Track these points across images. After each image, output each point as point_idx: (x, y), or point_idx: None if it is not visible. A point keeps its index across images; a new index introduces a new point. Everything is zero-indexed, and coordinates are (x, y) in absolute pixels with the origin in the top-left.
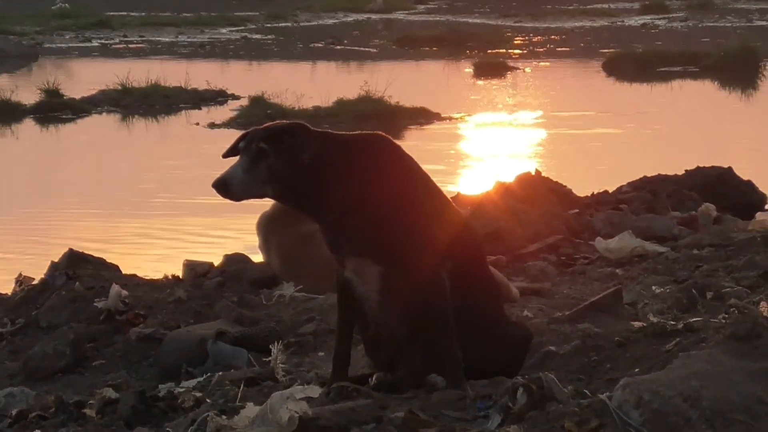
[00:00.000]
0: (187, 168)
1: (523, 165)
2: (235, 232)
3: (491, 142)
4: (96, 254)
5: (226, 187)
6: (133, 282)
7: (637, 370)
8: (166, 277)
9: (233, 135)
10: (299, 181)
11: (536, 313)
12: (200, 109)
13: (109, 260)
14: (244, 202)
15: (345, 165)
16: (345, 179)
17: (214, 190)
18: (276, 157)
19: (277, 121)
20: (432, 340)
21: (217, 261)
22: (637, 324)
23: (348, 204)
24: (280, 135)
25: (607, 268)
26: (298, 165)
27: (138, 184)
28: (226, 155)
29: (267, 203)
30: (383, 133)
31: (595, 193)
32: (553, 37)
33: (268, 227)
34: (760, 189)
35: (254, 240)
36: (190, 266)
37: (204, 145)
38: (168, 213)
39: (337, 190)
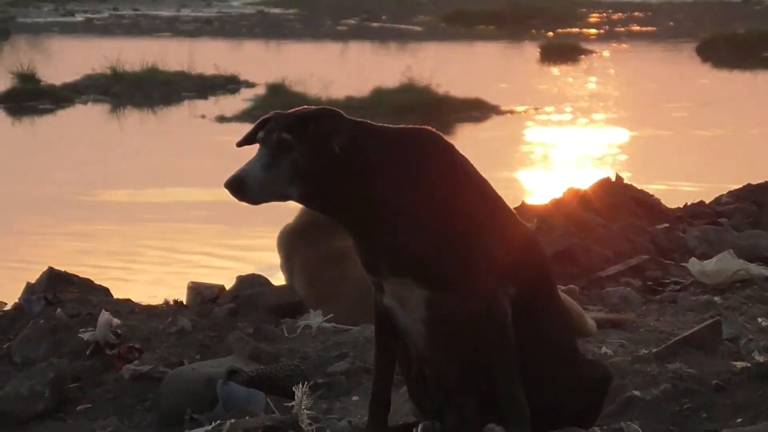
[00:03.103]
0: (192, 170)
1: (601, 169)
2: (251, 248)
3: (562, 141)
4: (81, 274)
5: (241, 186)
6: (126, 308)
7: (739, 420)
8: (166, 302)
9: (246, 130)
10: (329, 179)
11: (617, 349)
12: (207, 98)
13: (97, 281)
14: (264, 206)
15: (386, 162)
16: (385, 179)
17: (227, 192)
18: (301, 149)
19: (304, 107)
20: (490, 381)
21: (228, 284)
22: (739, 364)
23: (388, 210)
24: (307, 122)
25: (703, 296)
26: (327, 157)
27: (132, 190)
28: (241, 144)
29: (291, 209)
30: (432, 129)
31: (688, 203)
32: (636, 13)
33: (291, 243)
34: None
35: (274, 258)
36: (196, 290)
37: (211, 142)
38: (168, 224)
39: (375, 192)
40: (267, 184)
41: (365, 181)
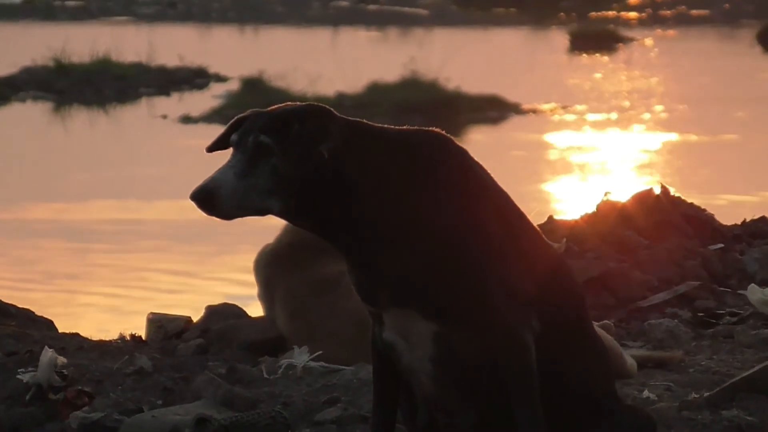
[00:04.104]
0: (151, 180)
1: (643, 179)
2: (223, 273)
3: (596, 145)
4: (21, 304)
5: (211, 199)
6: (74, 344)
7: None
8: (122, 337)
9: (217, 132)
10: (317, 190)
11: (662, 393)
12: (169, 95)
13: (39, 313)
14: (239, 222)
15: (386, 170)
16: (384, 190)
17: (193, 205)
18: (283, 154)
19: (287, 103)
20: (510, 430)
21: (196, 315)
22: None
23: (388, 228)
24: (289, 122)
25: (765, 330)
26: (314, 164)
27: (80, 204)
28: (212, 148)
29: (272, 226)
30: (441, 131)
31: (747, 220)
32: None
33: (272, 267)
34: None
35: (252, 284)
36: (158, 322)
37: (175, 146)
38: (124, 244)
39: (373, 206)
40: (241, 196)
41: (361, 193)
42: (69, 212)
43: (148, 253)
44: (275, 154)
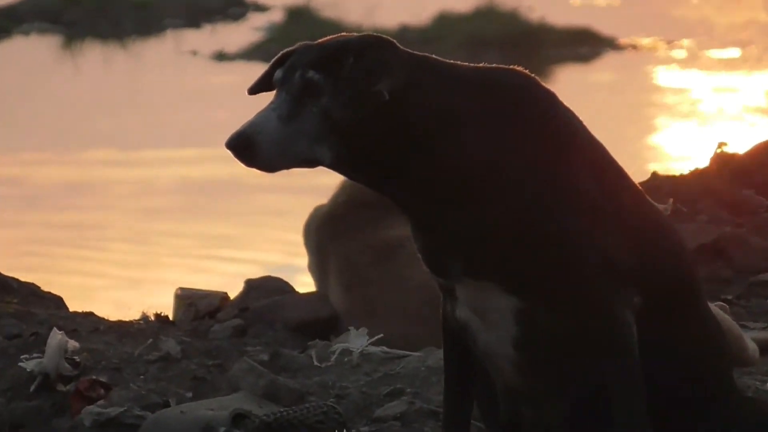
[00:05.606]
0: (179, 126)
1: (764, 128)
2: (265, 240)
3: (706, 87)
4: (24, 277)
5: (250, 147)
6: (87, 325)
7: None
8: (144, 317)
9: (258, 71)
10: (375, 136)
11: None
12: (199, 27)
13: (46, 288)
14: (285, 176)
15: (458, 114)
16: (456, 138)
17: (230, 155)
18: (335, 94)
19: (341, 34)
20: (608, 425)
21: (233, 291)
22: None
23: (460, 183)
24: (343, 56)
25: None
26: (372, 106)
27: (94, 155)
28: (254, 89)
29: (325, 184)
30: (525, 71)
31: None
32: None
33: (324, 232)
34: None
35: (300, 253)
36: (188, 299)
37: (206, 87)
38: (146, 204)
39: (442, 157)
40: (286, 143)
41: (428, 140)
42: (81, 165)
43: (175, 215)
44: (326, 93)
